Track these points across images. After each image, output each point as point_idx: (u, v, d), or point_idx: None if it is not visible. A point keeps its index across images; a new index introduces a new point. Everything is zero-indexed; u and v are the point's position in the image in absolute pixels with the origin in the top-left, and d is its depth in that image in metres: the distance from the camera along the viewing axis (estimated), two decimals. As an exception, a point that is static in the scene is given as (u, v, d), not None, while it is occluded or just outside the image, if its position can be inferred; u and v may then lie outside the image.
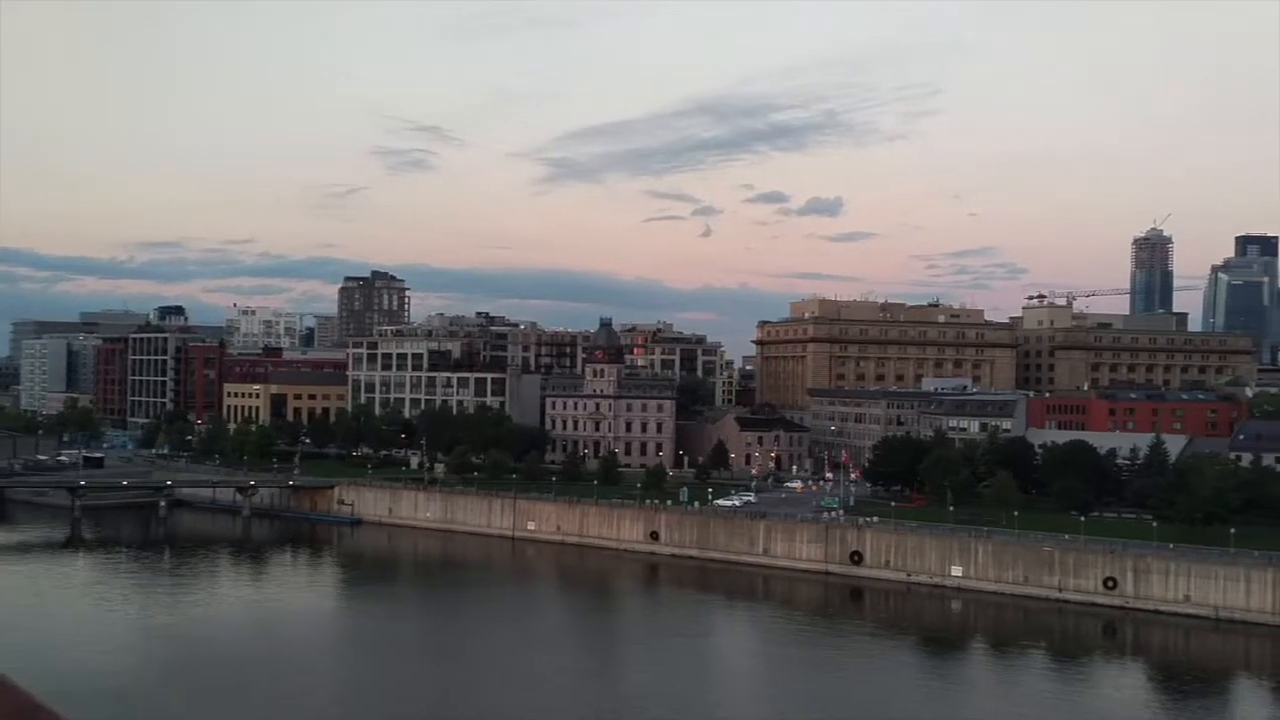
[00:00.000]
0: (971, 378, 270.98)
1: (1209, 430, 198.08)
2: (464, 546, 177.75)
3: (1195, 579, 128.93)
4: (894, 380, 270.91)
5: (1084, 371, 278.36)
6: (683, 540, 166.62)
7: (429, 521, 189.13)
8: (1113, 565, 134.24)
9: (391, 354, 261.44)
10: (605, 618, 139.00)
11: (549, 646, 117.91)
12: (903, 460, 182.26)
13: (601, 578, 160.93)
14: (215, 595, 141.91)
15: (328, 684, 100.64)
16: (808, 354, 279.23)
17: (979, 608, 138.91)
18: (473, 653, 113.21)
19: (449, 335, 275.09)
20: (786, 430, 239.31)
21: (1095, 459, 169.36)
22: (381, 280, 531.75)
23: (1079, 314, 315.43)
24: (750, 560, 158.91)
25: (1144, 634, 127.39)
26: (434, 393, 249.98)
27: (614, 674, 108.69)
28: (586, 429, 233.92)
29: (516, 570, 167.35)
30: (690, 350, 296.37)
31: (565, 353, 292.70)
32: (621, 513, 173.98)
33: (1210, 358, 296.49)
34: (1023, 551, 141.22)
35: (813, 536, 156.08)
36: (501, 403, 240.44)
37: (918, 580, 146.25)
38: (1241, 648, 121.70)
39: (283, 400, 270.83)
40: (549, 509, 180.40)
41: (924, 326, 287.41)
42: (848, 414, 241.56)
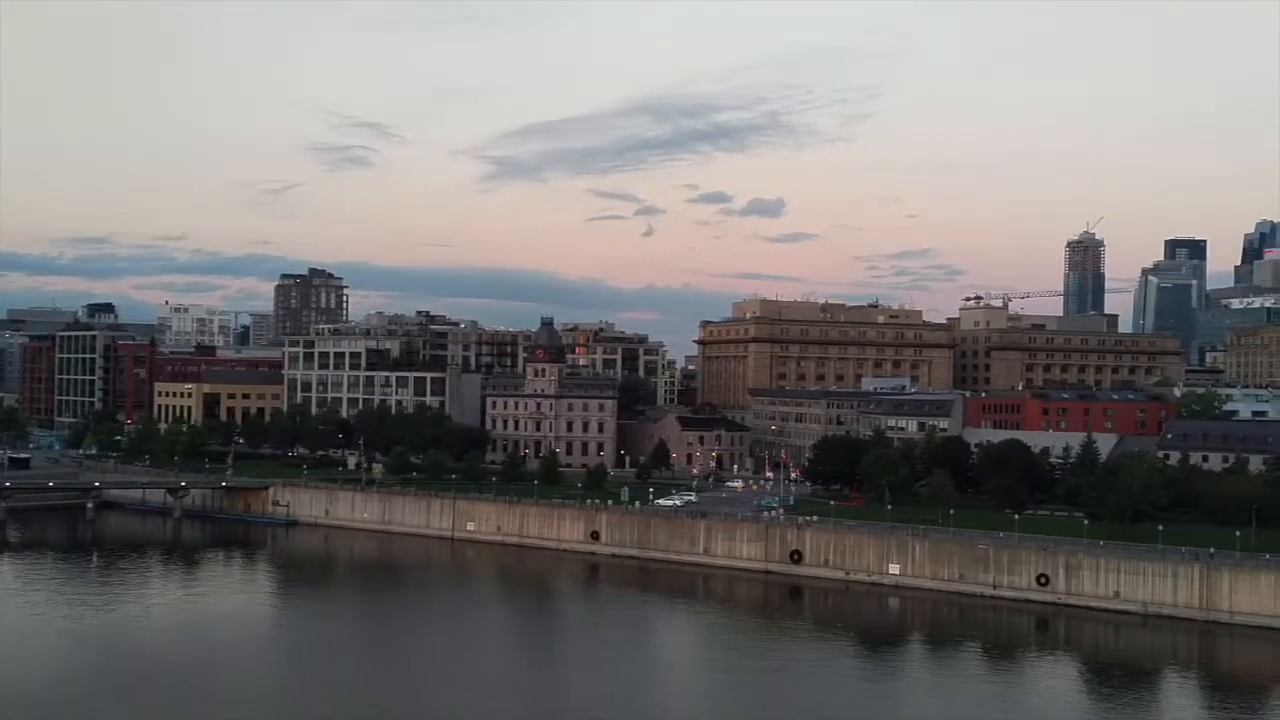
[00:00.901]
0: (910, 378, 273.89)
1: (1138, 429, 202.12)
2: (402, 548, 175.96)
3: (1124, 575, 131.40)
4: (834, 380, 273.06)
5: (1019, 372, 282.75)
6: (623, 540, 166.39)
7: (366, 523, 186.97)
8: (1045, 562, 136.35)
9: (329, 353, 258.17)
10: (545, 618, 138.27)
11: (488, 648, 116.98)
12: (842, 459, 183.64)
13: (542, 578, 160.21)
14: (145, 599, 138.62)
15: (262, 689, 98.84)
16: (749, 354, 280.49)
17: (916, 605, 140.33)
18: (410, 655, 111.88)
19: (388, 334, 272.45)
20: (728, 430, 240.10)
21: (1029, 458, 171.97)
22: (319, 278, 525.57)
23: (1014, 315, 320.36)
24: (691, 560, 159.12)
25: (1075, 630, 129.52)
26: (372, 392, 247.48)
27: (554, 675, 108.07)
28: (527, 429, 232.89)
29: (456, 571, 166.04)
30: (632, 350, 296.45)
31: (506, 352, 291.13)
32: (562, 513, 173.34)
33: (1140, 358, 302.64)
34: (958, 549, 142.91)
35: (753, 536, 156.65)
36: (441, 402, 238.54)
37: (856, 578, 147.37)
38: (1169, 643, 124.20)
39: (216, 400, 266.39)
40: (489, 509, 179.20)
41: (864, 327, 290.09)
42: (788, 414, 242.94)
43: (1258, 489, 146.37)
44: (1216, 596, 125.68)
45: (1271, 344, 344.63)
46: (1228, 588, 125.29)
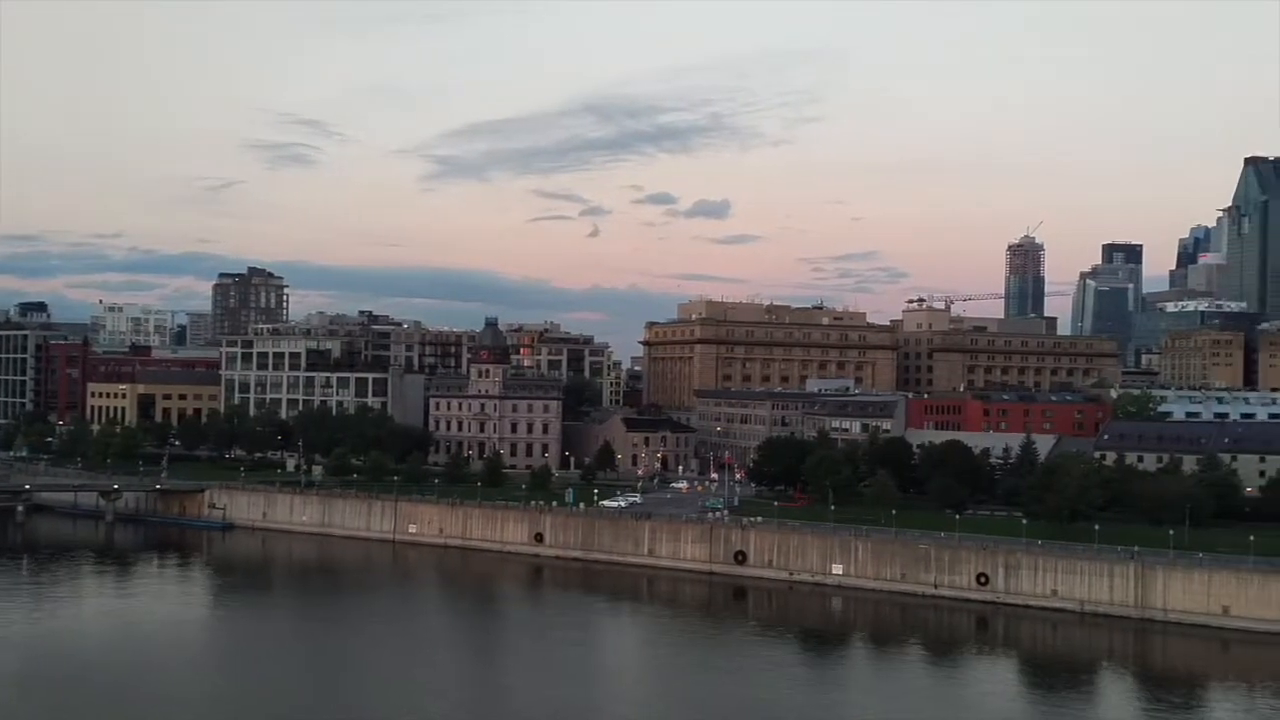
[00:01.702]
0: (854, 379, 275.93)
1: (1076, 430, 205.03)
2: (342, 551, 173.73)
3: (1062, 574, 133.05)
4: (779, 381, 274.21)
5: (961, 373, 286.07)
6: (567, 542, 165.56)
7: (305, 525, 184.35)
8: (985, 562, 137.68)
9: (268, 353, 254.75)
10: (488, 621, 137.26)
11: (430, 651, 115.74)
12: (786, 460, 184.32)
13: (485, 580, 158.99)
14: (77, 605, 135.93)
15: (197, 696, 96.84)
16: (694, 355, 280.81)
17: (859, 605, 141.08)
18: (351, 659, 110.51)
19: (329, 334, 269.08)
20: (673, 431, 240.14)
21: (970, 459, 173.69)
22: (259, 277, 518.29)
23: (956, 318, 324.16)
24: (635, 561, 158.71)
25: (1014, 628, 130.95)
26: (312, 393, 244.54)
27: (497, 679, 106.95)
28: (471, 430, 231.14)
29: (397, 574, 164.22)
30: (577, 351, 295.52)
31: (450, 353, 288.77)
32: (506, 514, 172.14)
33: (1078, 360, 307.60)
34: (901, 549, 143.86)
35: (697, 537, 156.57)
36: (383, 403, 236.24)
37: (800, 579, 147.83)
38: (1105, 640, 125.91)
39: (151, 401, 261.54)
40: (431, 511, 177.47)
41: (808, 329, 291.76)
42: (733, 414, 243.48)
43: (1190, 489, 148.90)
44: (1151, 595, 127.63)
45: (1204, 347, 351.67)
46: (1162, 586, 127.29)
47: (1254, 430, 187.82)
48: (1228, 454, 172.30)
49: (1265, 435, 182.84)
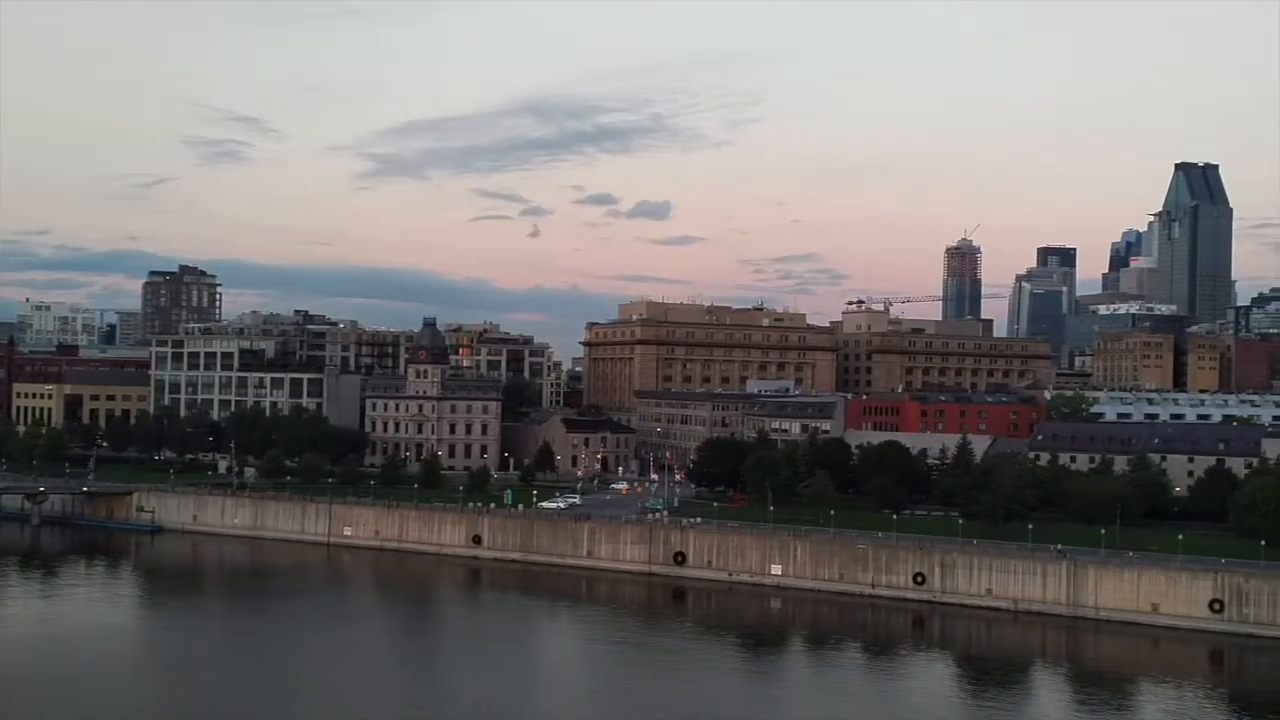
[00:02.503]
0: (794, 380, 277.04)
1: (1011, 431, 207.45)
2: (275, 554, 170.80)
3: (996, 573, 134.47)
4: (720, 382, 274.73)
5: (899, 374, 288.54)
6: (506, 544, 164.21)
7: (237, 528, 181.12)
8: (922, 561, 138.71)
9: (199, 353, 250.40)
10: (425, 624, 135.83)
11: (365, 655, 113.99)
12: (726, 461, 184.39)
13: (422, 583, 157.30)
14: (0, 611, 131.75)
15: (126, 707, 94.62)
16: (635, 356, 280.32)
17: (798, 605, 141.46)
18: (284, 665, 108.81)
19: (262, 334, 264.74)
20: (613, 432, 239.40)
21: (907, 459, 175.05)
22: (190, 275, 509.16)
23: (895, 319, 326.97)
24: (574, 563, 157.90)
25: (950, 626, 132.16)
26: (245, 394, 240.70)
27: (434, 683, 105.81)
28: (408, 431, 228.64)
29: (332, 578, 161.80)
30: (517, 351, 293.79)
31: (388, 353, 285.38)
32: (443, 516, 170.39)
33: (1013, 362, 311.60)
34: (839, 549, 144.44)
35: (637, 538, 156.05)
36: (318, 404, 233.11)
37: (739, 579, 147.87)
38: (1039, 637, 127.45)
39: (78, 401, 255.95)
40: (367, 513, 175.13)
41: (748, 330, 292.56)
42: (674, 415, 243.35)
43: (1121, 488, 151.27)
44: (1083, 593, 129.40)
45: (1136, 348, 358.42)
46: (1093, 584, 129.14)
47: (1183, 431, 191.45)
48: (1157, 454, 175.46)
49: (1193, 436, 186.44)
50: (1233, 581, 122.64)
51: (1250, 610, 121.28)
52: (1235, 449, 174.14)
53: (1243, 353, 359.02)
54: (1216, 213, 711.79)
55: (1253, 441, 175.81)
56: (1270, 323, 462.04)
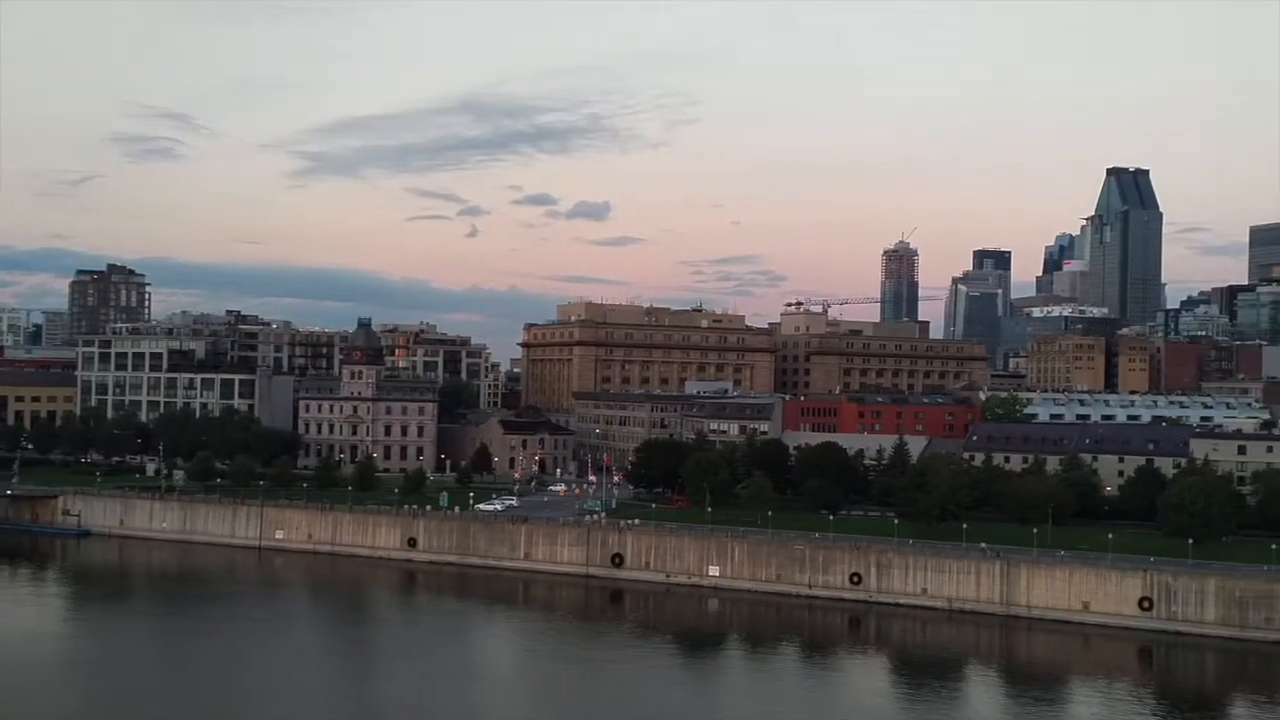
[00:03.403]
0: (733, 381, 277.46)
1: (947, 432, 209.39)
2: (205, 558, 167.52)
3: (931, 573, 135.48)
4: (658, 383, 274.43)
5: (837, 376, 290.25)
6: (441, 546, 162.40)
7: (166, 532, 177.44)
8: (858, 561, 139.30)
9: (127, 353, 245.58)
10: (358, 629, 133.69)
11: (298, 660, 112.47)
12: (664, 462, 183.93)
13: (355, 587, 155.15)
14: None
15: (50, 712, 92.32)
16: (574, 357, 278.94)
17: (735, 606, 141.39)
18: (213, 671, 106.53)
19: (192, 334, 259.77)
20: (551, 433, 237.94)
21: (845, 459, 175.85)
22: (119, 275, 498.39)
23: (833, 321, 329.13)
24: (511, 565, 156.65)
25: (885, 626, 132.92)
26: (175, 395, 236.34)
27: (366, 688, 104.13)
28: (343, 432, 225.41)
29: (263, 582, 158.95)
30: (454, 352, 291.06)
31: (321, 354, 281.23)
32: (378, 519, 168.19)
33: (949, 363, 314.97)
34: (776, 550, 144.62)
35: (574, 540, 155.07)
36: (250, 405, 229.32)
37: (677, 581, 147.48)
38: (973, 636, 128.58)
39: (3, 403, 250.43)
40: (299, 516, 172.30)
41: (687, 331, 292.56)
42: (612, 417, 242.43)
43: (1053, 488, 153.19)
44: (1016, 592, 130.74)
45: (1068, 351, 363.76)
46: (1025, 583, 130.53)
47: (1113, 431, 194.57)
48: (1089, 454, 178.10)
49: (1124, 436, 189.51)
50: (1161, 580, 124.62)
51: (1178, 608, 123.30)
52: (1164, 449, 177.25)
53: (1171, 355, 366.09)
54: (1147, 217, 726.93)
55: (1181, 442, 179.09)
56: (1198, 325, 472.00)
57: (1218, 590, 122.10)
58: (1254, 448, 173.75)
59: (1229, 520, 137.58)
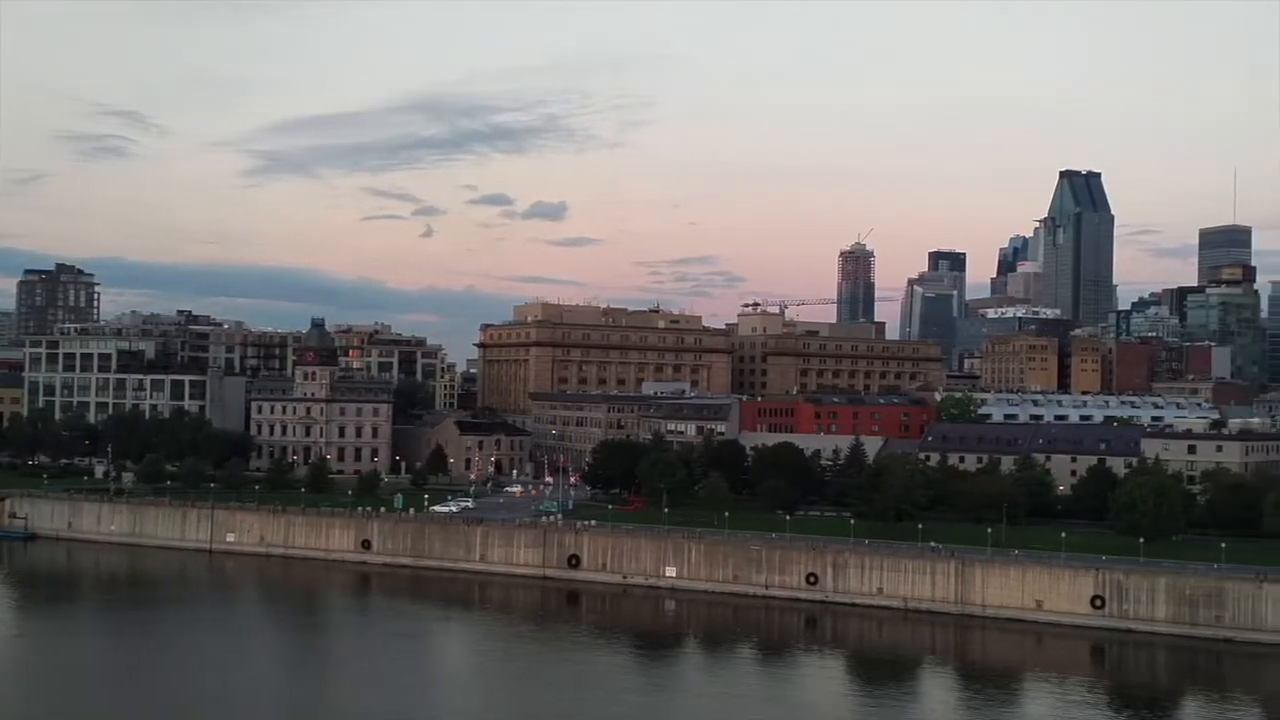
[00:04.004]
0: (690, 382, 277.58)
1: (902, 432, 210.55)
2: (155, 562, 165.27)
3: (887, 572, 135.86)
4: (615, 384, 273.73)
5: (794, 376, 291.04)
6: (396, 548, 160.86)
7: (115, 535, 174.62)
8: (814, 561, 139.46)
9: (75, 354, 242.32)
10: (310, 633, 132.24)
11: (249, 665, 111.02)
12: (621, 463, 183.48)
13: (309, 590, 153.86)
14: None
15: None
16: (530, 358, 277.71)
17: (692, 607, 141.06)
18: (162, 677, 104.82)
19: (142, 334, 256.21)
20: (507, 434, 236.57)
21: (801, 460, 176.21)
22: (67, 274, 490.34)
23: (790, 322, 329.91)
24: (466, 567, 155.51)
25: (842, 626, 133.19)
26: (124, 396, 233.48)
27: (320, 691, 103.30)
28: (296, 434, 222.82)
29: (214, 585, 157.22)
30: (409, 353, 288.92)
31: (274, 354, 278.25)
32: (331, 521, 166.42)
33: (905, 364, 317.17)
34: (733, 550, 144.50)
35: (530, 541, 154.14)
36: (201, 407, 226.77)
37: (633, 582, 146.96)
38: (928, 635, 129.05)
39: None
40: (251, 519, 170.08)
41: (644, 332, 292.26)
42: (569, 418, 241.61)
43: (1007, 487, 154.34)
44: (970, 591, 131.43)
45: (1022, 351, 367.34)
46: (980, 582, 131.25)
47: (1066, 431, 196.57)
48: (1042, 454, 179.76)
49: (1076, 436, 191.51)
50: (1113, 578, 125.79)
51: (1130, 606, 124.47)
52: (1116, 449, 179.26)
53: (1123, 355, 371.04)
54: (1099, 219, 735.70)
55: (1132, 442, 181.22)
56: (1149, 326, 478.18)
57: (1168, 589, 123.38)
58: (1203, 447, 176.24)
59: (1179, 519, 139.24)
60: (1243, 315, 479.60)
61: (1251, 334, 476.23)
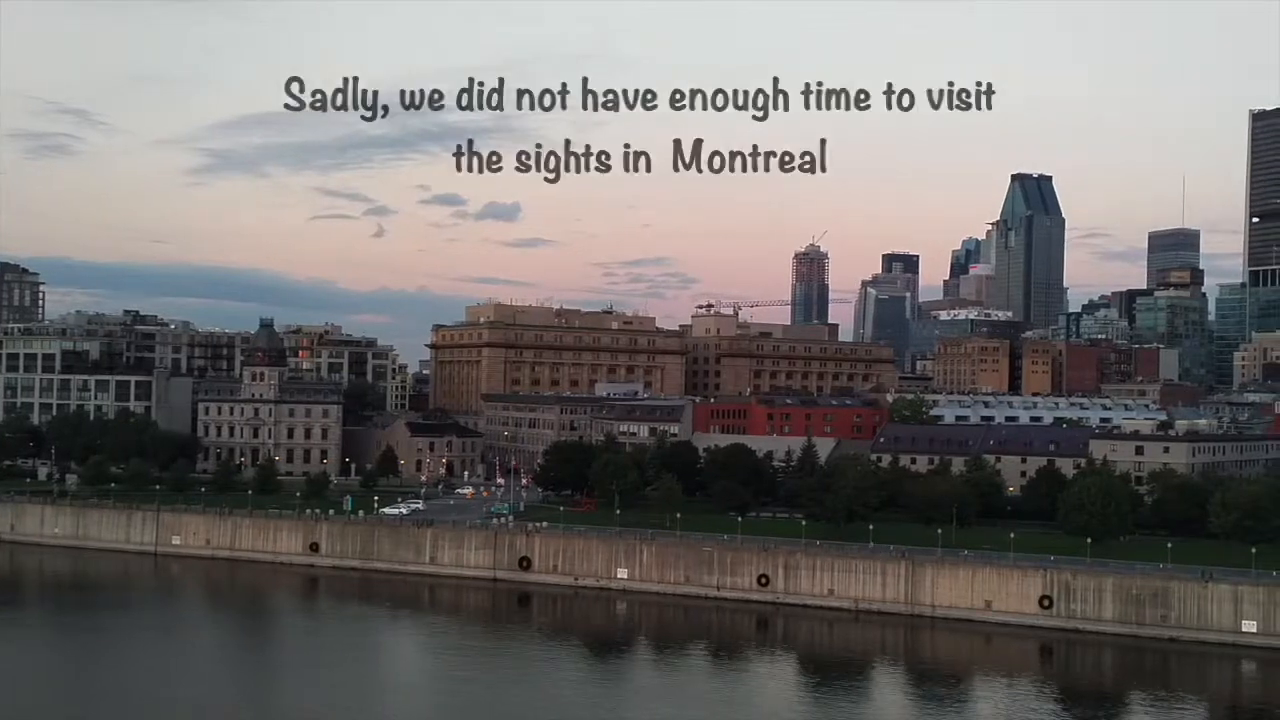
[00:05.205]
0: (644, 383, 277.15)
1: (855, 433, 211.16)
2: (99, 565, 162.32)
3: (838, 573, 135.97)
4: (569, 385, 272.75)
5: (747, 378, 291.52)
6: (345, 551, 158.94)
7: (58, 538, 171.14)
8: (766, 563, 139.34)
9: (18, 354, 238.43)
10: (257, 637, 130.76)
11: (194, 670, 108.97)
12: (574, 464, 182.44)
13: (255, 593, 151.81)
14: None
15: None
16: (483, 359, 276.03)
17: (643, 608, 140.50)
18: (105, 683, 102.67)
19: (87, 334, 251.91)
20: (459, 436, 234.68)
21: (754, 461, 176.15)
22: (11, 273, 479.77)
23: (744, 323, 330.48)
24: (416, 569, 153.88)
25: (793, 627, 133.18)
26: (68, 397, 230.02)
27: (267, 696, 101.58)
28: (244, 435, 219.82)
29: (159, 589, 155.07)
30: (360, 354, 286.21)
31: (222, 355, 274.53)
32: (278, 524, 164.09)
33: (858, 366, 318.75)
34: (684, 552, 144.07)
35: (481, 543, 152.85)
36: (147, 408, 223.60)
37: (585, 584, 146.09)
38: (878, 636, 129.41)
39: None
40: (197, 521, 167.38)
41: (598, 333, 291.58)
42: (522, 419, 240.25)
43: (958, 488, 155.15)
44: (920, 591, 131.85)
45: (973, 353, 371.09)
46: (930, 583, 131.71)
47: (1016, 433, 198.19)
48: (993, 455, 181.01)
49: (1026, 437, 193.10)
50: (1061, 578, 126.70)
51: (1077, 606, 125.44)
52: (1065, 450, 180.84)
53: (1073, 357, 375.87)
54: (1050, 223, 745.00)
55: (1081, 443, 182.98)
56: (1098, 329, 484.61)
57: (1115, 588, 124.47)
58: (1150, 448, 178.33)
59: (1126, 520, 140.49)
60: (1190, 318, 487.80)
61: (1198, 336, 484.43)
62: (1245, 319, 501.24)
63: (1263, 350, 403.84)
